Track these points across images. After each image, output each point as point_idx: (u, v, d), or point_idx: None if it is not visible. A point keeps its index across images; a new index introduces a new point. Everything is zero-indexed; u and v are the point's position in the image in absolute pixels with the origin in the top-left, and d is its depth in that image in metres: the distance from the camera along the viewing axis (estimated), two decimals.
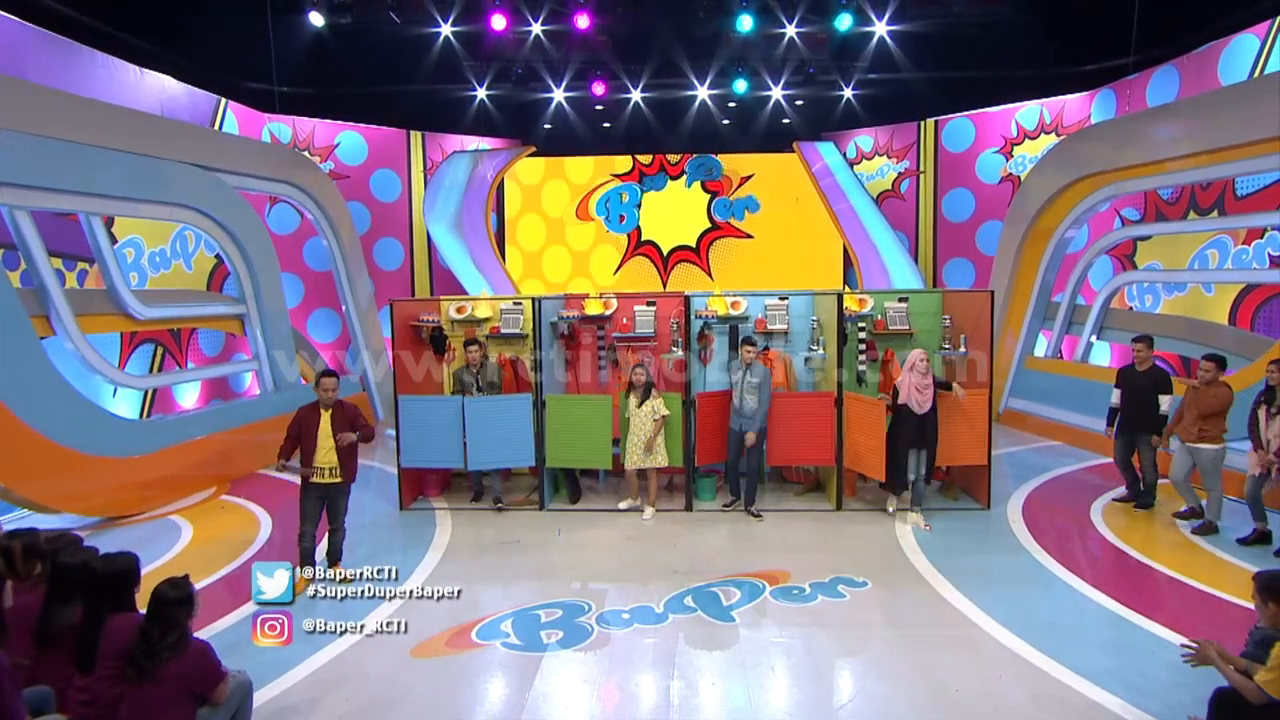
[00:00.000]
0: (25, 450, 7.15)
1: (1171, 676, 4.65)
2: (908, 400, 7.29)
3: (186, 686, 3.58)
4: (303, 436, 6.22)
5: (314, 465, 6.24)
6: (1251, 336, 8.96)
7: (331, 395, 6.32)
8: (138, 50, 10.34)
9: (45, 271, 7.80)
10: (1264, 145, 8.26)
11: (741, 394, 7.60)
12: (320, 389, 6.31)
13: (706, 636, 5.30)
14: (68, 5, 9.50)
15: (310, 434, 6.22)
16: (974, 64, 13.71)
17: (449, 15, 12.80)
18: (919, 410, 7.28)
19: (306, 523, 6.30)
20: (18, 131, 7.33)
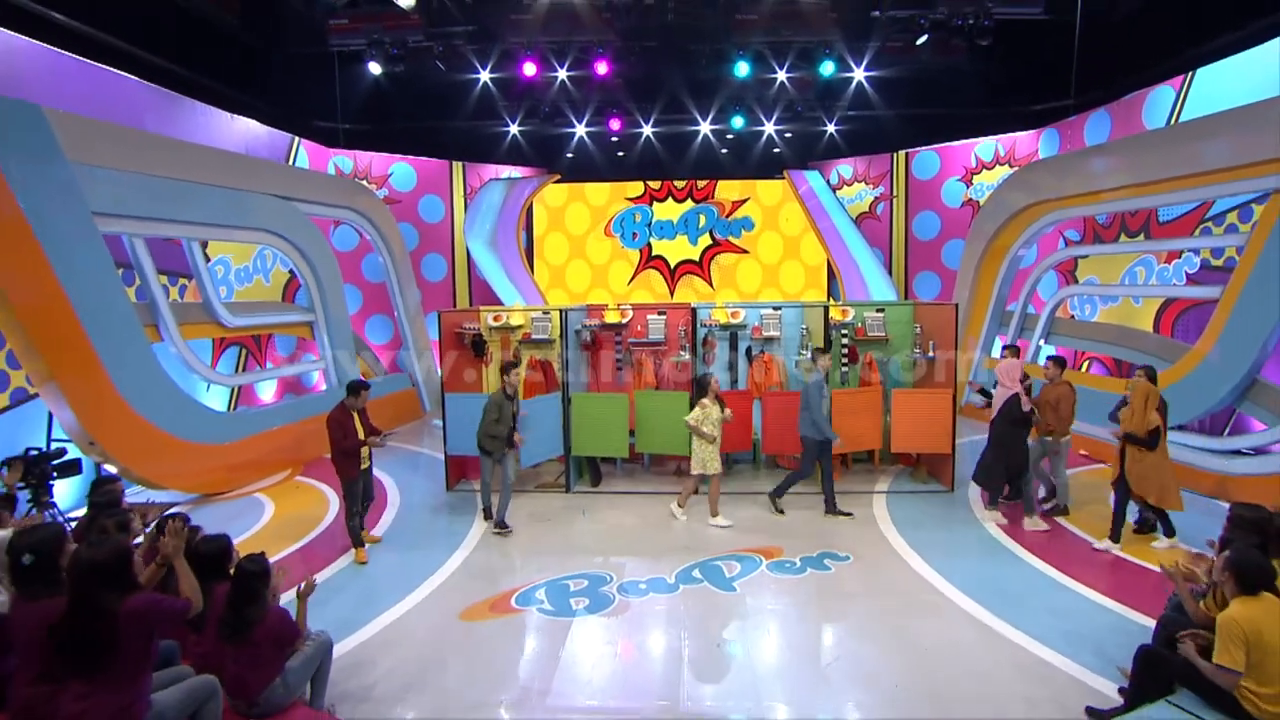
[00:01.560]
0: (140, 437, 7.30)
1: (1104, 635, 4.69)
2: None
3: (272, 644, 3.66)
4: (346, 434, 6.25)
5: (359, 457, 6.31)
6: (1171, 342, 8.93)
7: (362, 403, 6.41)
8: (229, 99, 10.45)
9: (155, 289, 7.94)
10: (1180, 181, 8.37)
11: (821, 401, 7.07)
12: (359, 398, 6.36)
13: (712, 604, 5.35)
14: (178, 64, 9.66)
15: (352, 431, 6.28)
16: (939, 104, 13.65)
17: (487, 63, 12.78)
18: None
19: (355, 507, 6.34)
20: (137, 173, 7.49)
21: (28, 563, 3.03)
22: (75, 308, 6.64)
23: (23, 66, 7.23)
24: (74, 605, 2.87)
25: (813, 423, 7.05)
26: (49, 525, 3.34)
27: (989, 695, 4.15)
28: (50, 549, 3.11)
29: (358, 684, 4.35)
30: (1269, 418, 7.43)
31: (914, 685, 4.26)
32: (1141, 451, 5.97)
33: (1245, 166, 7.52)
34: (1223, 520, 4.26)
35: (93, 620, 2.83)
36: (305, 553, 6.56)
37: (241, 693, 3.60)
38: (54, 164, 6.46)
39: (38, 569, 3.07)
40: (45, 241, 6.36)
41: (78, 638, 2.84)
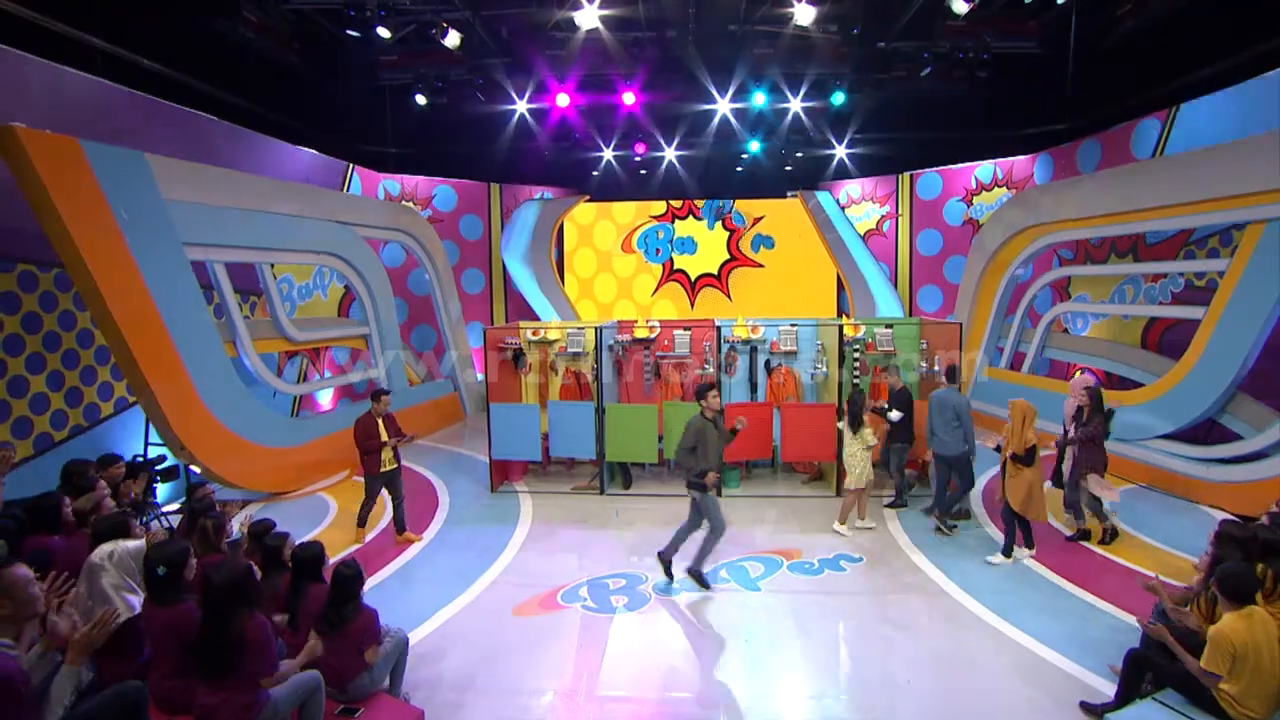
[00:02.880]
0: (220, 441, 7.63)
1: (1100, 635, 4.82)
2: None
3: (362, 640, 3.91)
4: (370, 437, 6.73)
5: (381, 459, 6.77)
6: (1155, 358, 9.00)
7: (387, 408, 6.87)
8: (292, 130, 10.77)
9: (233, 308, 8.27)
10: (1164, 210, 8.49)
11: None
12: (381, 404, 6.82)
13: (740, 603, 5.54)
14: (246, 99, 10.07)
15: (376, 435, 6.74)
16: (941, 128, 13.71)
17: (523, 95, 13.01)
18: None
19: (371, 500, 6.88)
20: (218, 206, 7.84)
21: (161, 574, 3.30)
22: (168, 327, 6.98)
23: (123, 113, 7.57)
24: (208, 621, 3.12)
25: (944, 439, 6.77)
26: (177, 541, 3.60)
27: (991, 690, 4.33)
28: (179, 561, 3.38)
29: (428, 673, 4.60)
30: (1247, 429, 7.50)
31: (923, 680, 4.44)
32: (1018, 467, 6.00)
33: (1223, 199, 7.62)
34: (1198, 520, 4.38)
35: (224, 635, 3.08)
36: (368, 549, 6.83)
37: (335, 682, 3.85)
38: (153, 203, 6.80)
39: (169, 579, 3.34)
40: (145, 270, 6.71)
41: (212, 650, 3.10)
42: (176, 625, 3.34)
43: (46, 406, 6.79)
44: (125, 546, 3.50)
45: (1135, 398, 8.69)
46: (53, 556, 3.84)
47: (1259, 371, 7.50)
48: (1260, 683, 3.34)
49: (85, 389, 7.19)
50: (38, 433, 6.72)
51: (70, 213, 6.10)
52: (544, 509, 7.93)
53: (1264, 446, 7.22)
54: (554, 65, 12.15)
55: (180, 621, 3.34)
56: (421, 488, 8.78)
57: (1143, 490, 8.09)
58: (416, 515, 7.72)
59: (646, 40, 11.89)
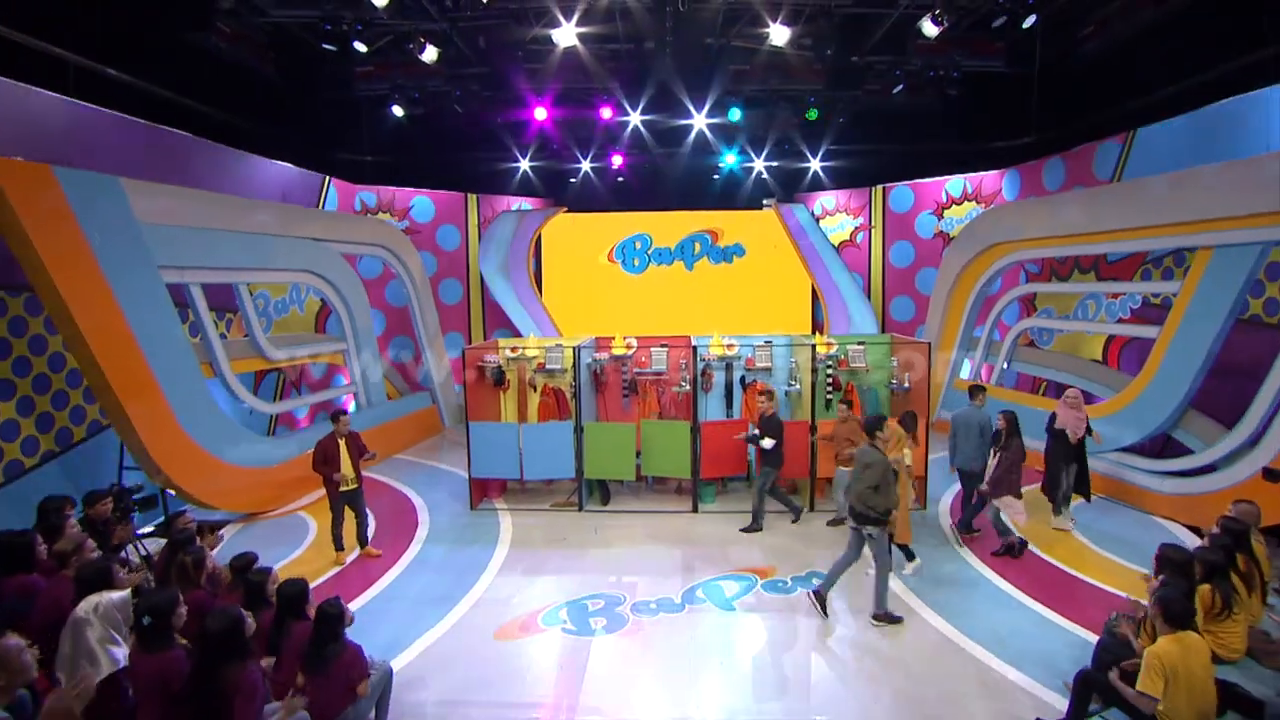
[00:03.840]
0: (198, 463, 7.63)
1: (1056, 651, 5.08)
2: (1064, 427, 7.37)
3: (347, 677, 4.01)
4: (328, 460, 6.88)
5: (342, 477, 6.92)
6: (1115, 373, 9.38)
7: (347, 428, 7.04)
8: (268, 144, 10.72)
9: (209, 329, 8.26)
10: (1123, 233, 8.84)
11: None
12: (340, 424, 7.01)
13: (715, 623, 5.72)
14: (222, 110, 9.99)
15: (334, 457, 6.89)
16: (912, 144, 14.05)
17: (500, 107, 13.06)
18: (1074, 437, 7.32)
19: (339, 520, 7.00)
20: (195, 228, 7.86)
21: (148, 624, 3.37)
22: (143, 350, 6.96)
23: (94, 133, 7.52)
24: (198, 670, 3.20)
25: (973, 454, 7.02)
26: (165, 590, 3.65)
27: (953, 707, 4.55)
28: (166, 611, 3.45)
29: (411, 701, 4.70)
30: (1198, 444, 7.87)
31: (892, 697, 4.65)
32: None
33: (1176, 225, 8.00)
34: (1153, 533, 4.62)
35: (214, 685, 3.17)
36: (349, 571, 6.90)
37: (320, 718, 3.95)
38: (127, 227, 6.79)
39: (156, 628, 3.41)
40: (119, 294, 6.70)
41: (199, 700, 3.18)
42: (163, 674, 3.40)
43: (17, 433, 6.74)
44: (110, 599, 3.55)
45: (1097, 411, 9.03)
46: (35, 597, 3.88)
47: (1208, 389, 7.87)
48: (1192, 705, 3.59)
49: (57, 413, 7.14)
50: (8, 459, 6.67)
51: (42, 240, 6.09)
52: (523, 527, 8.03)
53: (1213, 460, 7.60)
54: (532, 79, 12.23)
55: (167, 670, 3.41)
56: (401, 505, 8.84)
57: (1102, 501, 8.43)
58: (396, 534, 7.79)
59: (624, 54, 12.02)
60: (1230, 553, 4.73)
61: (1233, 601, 4.44)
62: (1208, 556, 4.57)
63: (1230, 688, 4.09)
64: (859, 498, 5.54)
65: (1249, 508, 5.29)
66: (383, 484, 9.62)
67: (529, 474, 8.45)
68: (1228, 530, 4.98)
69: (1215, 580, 4.49)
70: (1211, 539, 4.91)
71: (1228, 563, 4.61)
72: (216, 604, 4.44)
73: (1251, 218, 7.11)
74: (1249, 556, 4.94)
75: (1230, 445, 7.39)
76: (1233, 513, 5.25)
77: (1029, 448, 7.16)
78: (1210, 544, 4.83)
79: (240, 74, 10.63)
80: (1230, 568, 4.66)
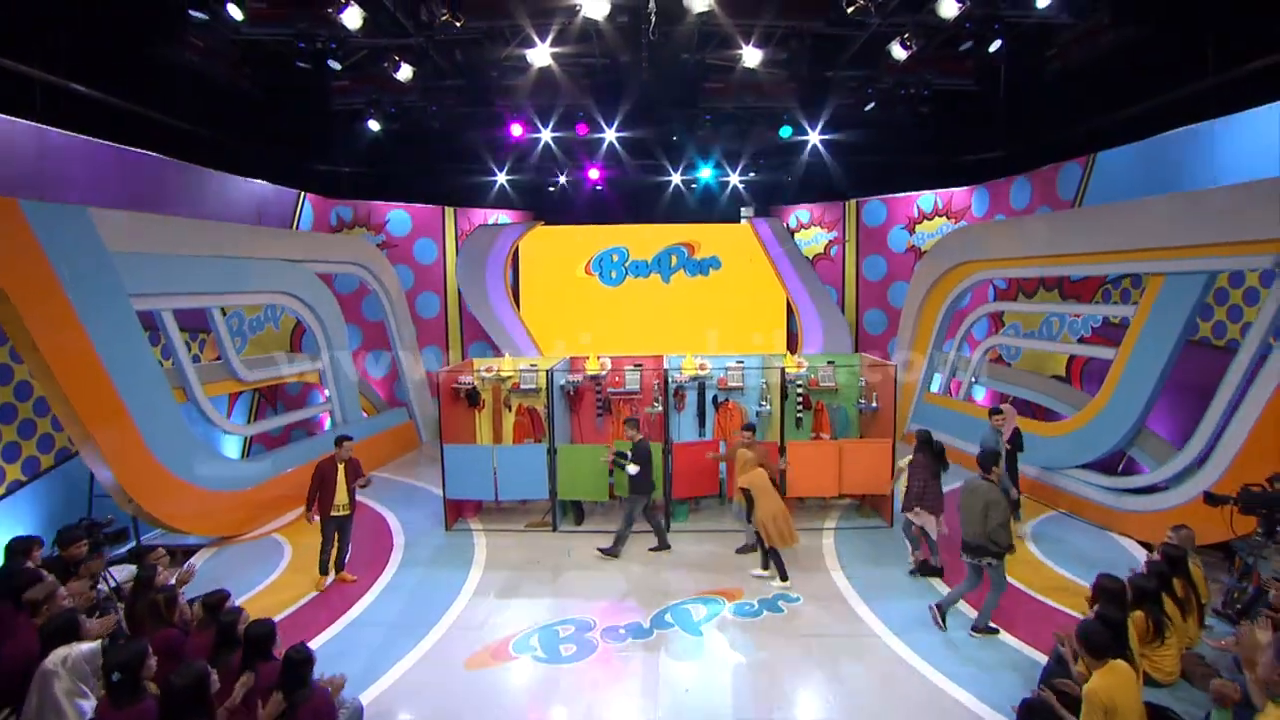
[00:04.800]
0: (169, 490, 7.66)
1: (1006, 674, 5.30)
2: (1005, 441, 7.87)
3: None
4: (324, 485, 6.96)
5: (334, 504, 7.02)
6: (1076, 392, 9.70)
7: (349, 454, 7.09)
8: (242, 154, 10.72)
9: (182, 354, 8.28)
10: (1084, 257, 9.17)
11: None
12: (343, 449, 7.09)
13: (683, 649, 5.88)
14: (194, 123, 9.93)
15: (330, 482, 6.98)
16: (885, 158, 14.33)
17: (477, 123, 13.15)
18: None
19: (328, 544, 7.09)
20: (167, 254, 7.89)
21: (117, 679, 3.45)
22: (113, 379, 6.99)
23: (62, 158, 7.53)
24: None
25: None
26: (135, 643, 3.72)
27: None
28: (136, 665, 3.53)
29: None
30: (1151, 462, 8.19)
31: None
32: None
33: (1131, 252, 8.32)
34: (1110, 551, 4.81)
35: None
36: (327, 595, 6.97)
37: None
38: (97, 257, 6.82)
39: (125, 683, 3.49)
40: (88, 324, 6.73)
41: None
42: None
43: None
44: (80, 650, 3.63)
45: (1058, 429, 9.35)
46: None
47: (1161, 408, 8.19)
48: None
49: (24, 442, 7.14)
50: None
51: (8, 274, 6.11)
52: (498, 549, 8.14)
53: (1165, 479, 7.91)
54: (508, 95, 12.33)
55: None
56: (377, 526, 8.92)
57: (1063, 518, 8.72)
58: (371, 557, 7.88)
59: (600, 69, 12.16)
60: (1165, 579, 4.99)
61: (1165, 627, 4.69)
62: (1140, 583, 4.82)
63: (1163, 712, 4.34)
64: (988, 535, 5.64)
65: (1186, 533, 5.56)
66: (359, 503, 9.61)
67: (503, 495, 8.57)
68: (1166, 556, 5.24)
69: (1148, 606, 4.74)
70: (1149, 565, 5.17)
71: (1160, 589, 4.86)
72: (189, 642, 4.55)
73: (1198, 247, 7.43)
74: (1186, 581, 5.21)
75: (1181, 464, 7.70)
76: (1171, 538, 5.52)
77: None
78: (1148, 570, 5.09)
79: (214, 88, 10.59)
80: (1164, 593, 4.92)
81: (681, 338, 14.99)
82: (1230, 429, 7.13)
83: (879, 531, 8.46)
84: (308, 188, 12.42)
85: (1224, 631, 5.54)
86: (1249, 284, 7.48)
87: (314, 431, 11.63)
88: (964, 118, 13.03)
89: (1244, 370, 7.12)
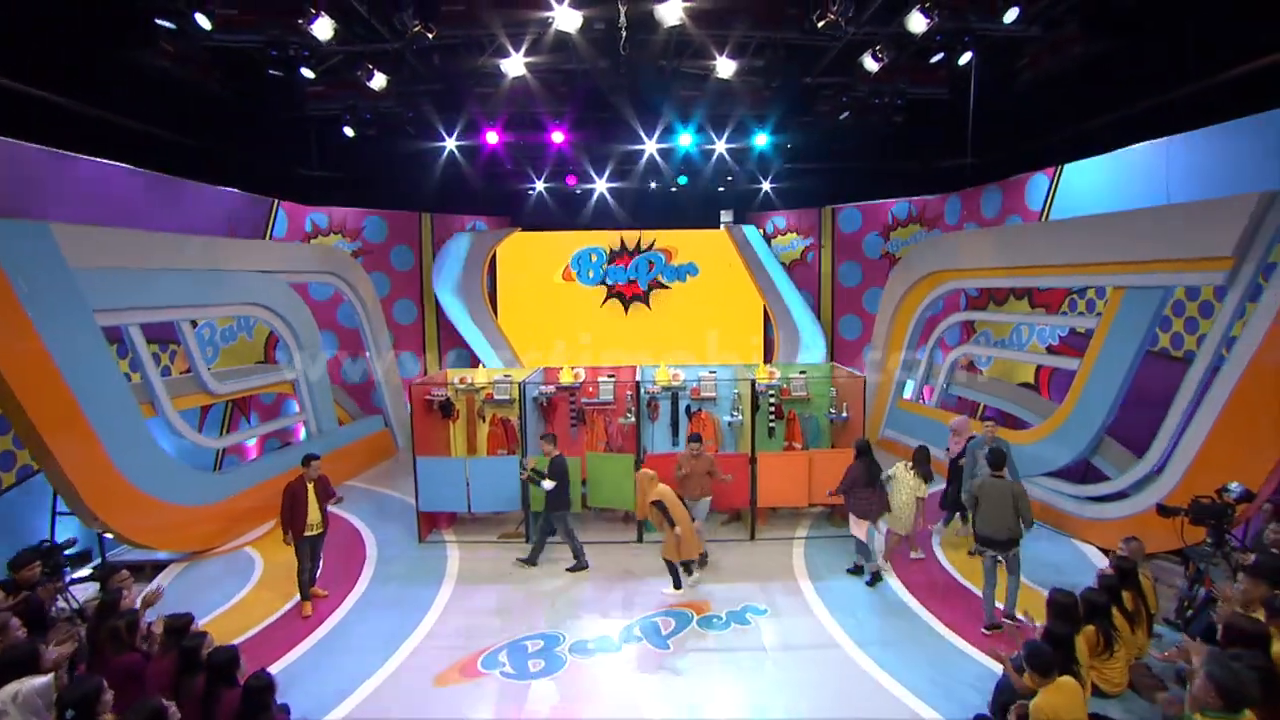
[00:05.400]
0: (137, 507, 7.60)
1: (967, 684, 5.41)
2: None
3: None
4: (295, 505, 6.90)
5: (307, 523, 6.93)
6: (1043, 400, 9.91)
7: (317, 472, 7.03)
8: (215, 159, 10.62)
9: (150, 369, 8.23)
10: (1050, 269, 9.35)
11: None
12: (311, 469, 7.01)
13: (649, 662, 5.96)
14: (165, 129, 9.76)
15: (302, 503, 6.92)
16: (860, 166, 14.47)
17: (454, 128, 13.13)
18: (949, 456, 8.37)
19: (305, 565, 6.99)
20: (133, 269, 7.83)
21: (70, 717, 3.45)
22: (75, 395, 6.90)
23: (26, 170, 7.44)
24: None
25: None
26: (89, 680, 3.71)
27: None
28: (90, 702, 3.53)
29: None
30: (1113, 470, 8.39)
31: None
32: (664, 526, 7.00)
33: (1093, 265, 8.53)
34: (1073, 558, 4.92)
35: None
36: (296, 612, 6.97)
37: None
38: (58, 273, 6.76)
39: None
40: (49, 341, 6.66)
41: None
42: None
43: None
44: (32, 685, 3.62)
45: (1025, 437, 9.53)
46: None
47: (1121, 419, 8.39)
48: None
49: None
50: None
51: None
52: (470, 561, 8.18)
53: (1126, 486, 8.11)
54: (483, 103, 12.32)
55: None
56: (350, 539, 8.91)
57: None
58: (344, 571, 7.88)
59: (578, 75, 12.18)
60: (1115, 592, 5.14)
61: (1114, 640, 4.85)
62: (1091, 597, 4.97)
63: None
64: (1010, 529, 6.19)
65: (1137, 544, 5.73)
66: (332, 514, 9.58)
67: (476, 506, 8.60)
68: (1118, 569, 5.40)
69: (1098, 620, 4.89)
70: (1101, 579, 5.32)
71: (1111, 602, 5.02)
72: (151, 668, 4.56)
73: (1155, 263, 7.63)
74: (1136, 592, 5.37)
75: (1140, 473, 7.91)
76: (1122, 550, 5.68)
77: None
78: (1099, 584, 5.24)
79: (186, 93, 10.46)
80: (1115, 606, 5.07)
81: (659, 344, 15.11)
82: (1185, 439, 7.33)
83: (849, 541, 8.54)
84: (282, 195, 12.33)
85: (1173, 640, 5.70)
86: (1204, 297, 7.70)
87: (289, 440, 11.59)
88: (938, 126, 13.23)
89: (1198, 381, 7.33)
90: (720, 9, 9.91)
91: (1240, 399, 6.79)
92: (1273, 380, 6.49)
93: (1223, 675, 3.35)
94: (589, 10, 9.29)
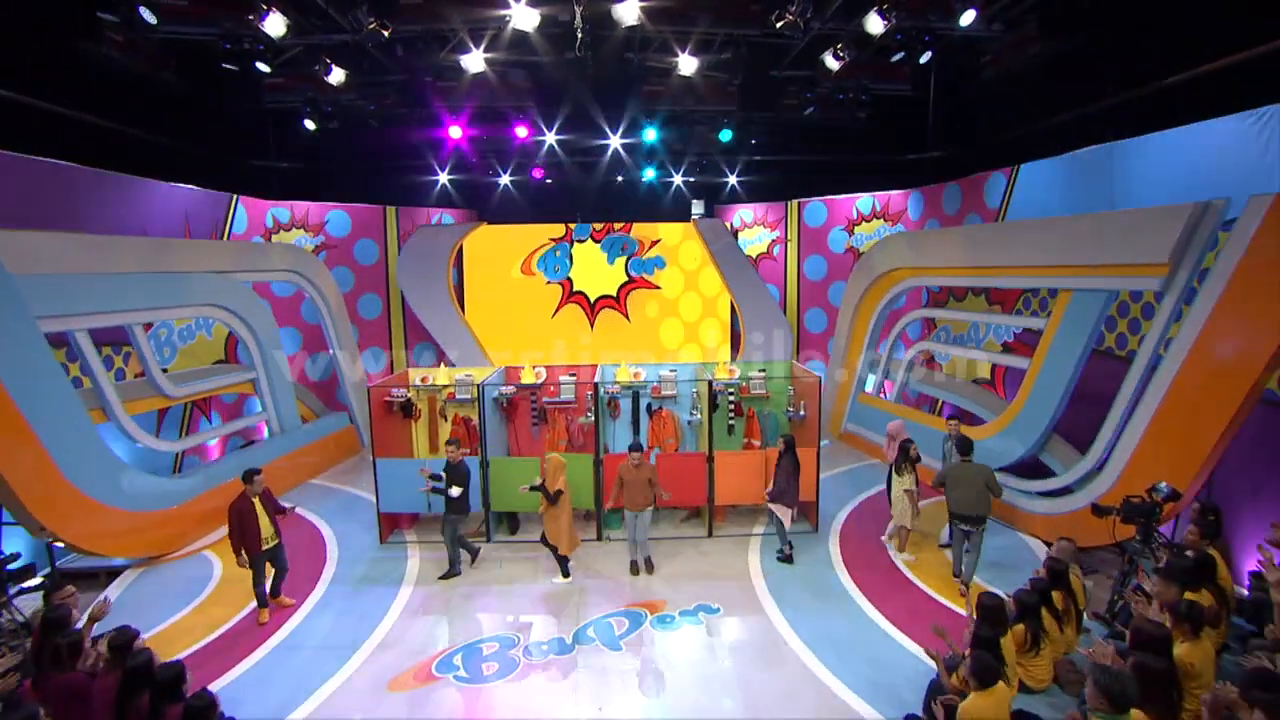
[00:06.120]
0: (89, 515, 7.51)
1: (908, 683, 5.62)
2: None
3: None
4: (244, 524, 6.84)
5: (261, 537, 6.89)
6: (995, 398, 10.18)
7: (261, 486, 7.01)
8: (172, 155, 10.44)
9: (100, 376, 8.10)
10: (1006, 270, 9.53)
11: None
12: (254, 484, 6.95)
13: (601, 664, 6.08)
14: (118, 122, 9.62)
15: (251, 519, 6.88)
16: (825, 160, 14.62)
17: (416, 123, 12.99)
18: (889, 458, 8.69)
19: (260, 577, 6.99)
20: (78, 274, 7.68)
21: None
22: (17, 404, 6.70)
23: None
24: None
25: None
26: (27, 707, 3.72)
27: None
28: None
29: None
30: (1059, 467, 8.66)
31: None
32: (550, 508, 7.42)
33: (1044, 268, 8.73)
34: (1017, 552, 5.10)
35: None
36: (253, 619, 6.98)
37: None
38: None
39: None
40: None
41: None
42: None
43: None
44: None
45: (979, 434, 9.77)
46: None
47: (1069, 417, 8.65)
48: None
49: None
50: None
51: None
52: (430, 562, 8.23)
53: (1070, 482, 8.39)
54: (446, 97, 12.20)
55: None
56: (311, 540, 8.90)
57: None
58: (304, 573, 7.89)
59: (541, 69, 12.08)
60: (1045, 593, 5.36)
61: (1041, 639, 5.06)
62: (1023, 598, 5.18)
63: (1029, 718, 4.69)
64: (976, 506, 7.15)
65: (1067, 545, 5.96)
66: (297, 515, 9.62)
67: (436, 507, 8.60)
68: (1050, 570, 5.62)
69: (1028, 620, 5.10)
70: (1033, 580, 5.53)
71: (1040, 603, 5.23)
72: (95, 685, 4.57)
73: (1099, 267, 7.85)
74: (1066, 591, 5.60)
75: (1083, 469, 8.18)
76: (1054, 552, 5.91)
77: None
78: (1031, 585, 5.45)
79: (138, 84, 10.22)
80: (1044, 606, 5.29)
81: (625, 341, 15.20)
82: (1123, 437, 7.60)
83: (805, 537, 8.78)
84: (241, 189, 12.13)
85: (1100, 634, 5.96)
86: (1147, 299, 7.94)
87: (253, 439, 11.50)
88: (902, 122, 13.38)
89: (1138, 380, 7.58)
90: (680, 7, 9.91)
91: (1175, 399, 7.04)
92: (1205, 381, 6.74)
93: (1105, 680, 3.57)
94: (546, 9, 9.23)
